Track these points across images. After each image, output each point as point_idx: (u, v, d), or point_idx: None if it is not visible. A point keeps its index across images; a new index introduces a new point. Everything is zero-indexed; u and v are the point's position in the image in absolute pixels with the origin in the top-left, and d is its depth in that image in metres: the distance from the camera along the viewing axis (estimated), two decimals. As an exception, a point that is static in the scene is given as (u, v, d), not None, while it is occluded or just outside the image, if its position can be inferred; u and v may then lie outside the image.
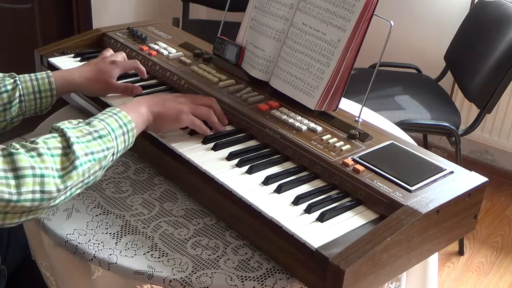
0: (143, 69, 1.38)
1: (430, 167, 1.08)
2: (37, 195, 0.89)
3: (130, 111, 1.06)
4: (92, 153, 0.96)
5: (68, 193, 0.94)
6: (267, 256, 1.02)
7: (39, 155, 0.91)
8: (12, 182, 0.87)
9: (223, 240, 1.06)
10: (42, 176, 0.89)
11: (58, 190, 0.91)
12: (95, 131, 0.99)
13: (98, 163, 0.97)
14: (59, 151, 0.93)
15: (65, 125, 0.98)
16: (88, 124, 1.00)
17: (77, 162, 0.93)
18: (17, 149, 0.90)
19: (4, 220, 0.90)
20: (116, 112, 1.04)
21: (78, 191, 0.97)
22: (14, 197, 0.87)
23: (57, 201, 0.93)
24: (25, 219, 0.92)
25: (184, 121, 1.14)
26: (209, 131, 1.17)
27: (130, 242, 1.05)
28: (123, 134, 1.02)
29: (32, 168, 0.89)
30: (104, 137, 0.99)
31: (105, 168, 1.01)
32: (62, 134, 0.96)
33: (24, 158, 0.89)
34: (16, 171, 0.88)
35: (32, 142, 0.93)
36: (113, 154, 1.01)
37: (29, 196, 0.88)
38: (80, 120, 1.01)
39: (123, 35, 1.59)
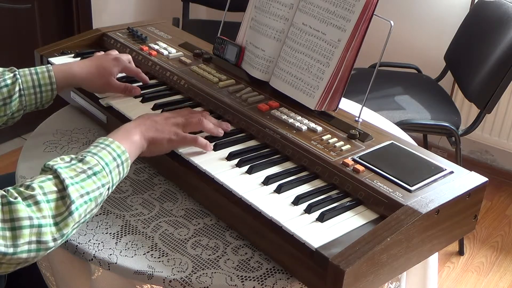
0: (146, 78, 1.38)
1: (430, 167, 1.08)
2: (33, 246, 0.87)
3: (123, 140, 1.03)
4: (88, 193, 0.93)
5: (64, 237, 0.92)
6: (267, 256, 1.02)
7: (36, 203, 0.88)
8: (8, 234, 0.85)
9: (223, 240, 1.06)
10: (39, 226, 0.87)
11: (54, 240, 0.90)
12: (89, 168, 0.95)
13: (94, 201, 0.95)
14: (54, 195, 0.90)
15: (58, 164, 0.95)
16: (81, 161, 0.96)
17: (73, 207, 0.91)
18: (15, 197, 0.88)
19: None
20: (109, 143, 1.01)
21: (74, 231, 0.95)
22: (10, 250, 0.85)
23: (53, 248, 0.92)
24: (20, 267, 0.90)
25: (177, 142, 1.11)
26: (209, 145, 1.13)
27: (130, 242, 1.05)
28: (117, 166, 1.00)
29: (30, 218, 0.87)
30: (99, 173, 0.96)
31: (101, 204, 0.99)
32: (56, 176, 0.92)
33: (22, 208, 0.86)
34: (13, 222, 0.86)
35: (28, 187, 0.89)
36: (108, 189, 0.98)
37: (25, 247, 0.87)
38: (72, 156, 0.98)
39: (123, 35, 1.59)
